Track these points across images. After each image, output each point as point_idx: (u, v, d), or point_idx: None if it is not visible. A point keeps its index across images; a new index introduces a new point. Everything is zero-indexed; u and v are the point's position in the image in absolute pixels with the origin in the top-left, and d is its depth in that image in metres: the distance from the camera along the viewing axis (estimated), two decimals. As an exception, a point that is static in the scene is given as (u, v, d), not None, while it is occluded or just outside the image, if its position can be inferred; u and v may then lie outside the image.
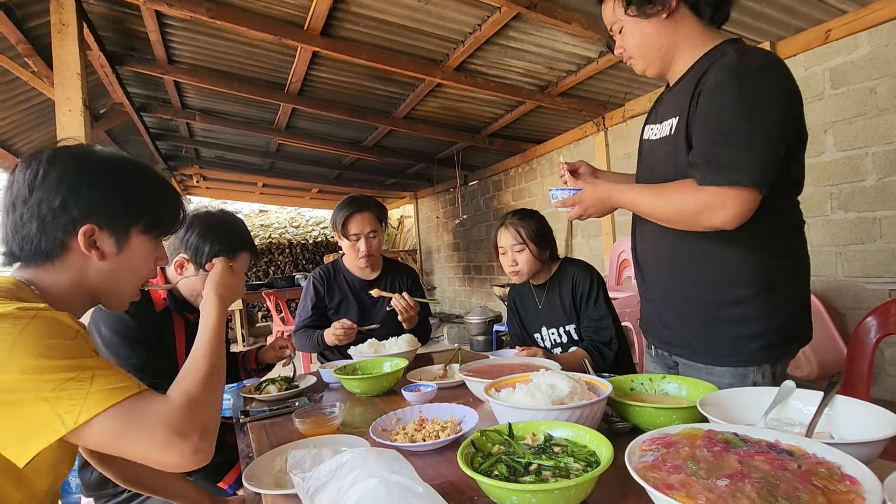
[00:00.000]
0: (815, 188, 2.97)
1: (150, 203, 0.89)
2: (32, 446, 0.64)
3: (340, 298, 2.13)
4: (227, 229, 1.42)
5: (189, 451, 0.70)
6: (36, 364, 0.64)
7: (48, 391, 0.64)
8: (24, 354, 0.64)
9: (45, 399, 0.64)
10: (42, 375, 0.64)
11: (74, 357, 0.67)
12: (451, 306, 7.97)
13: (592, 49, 3.26)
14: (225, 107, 4.62)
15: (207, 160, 6.67)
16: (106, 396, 0.66)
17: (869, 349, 1.82)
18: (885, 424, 0.78)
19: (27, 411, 0.64)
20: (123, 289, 0.89)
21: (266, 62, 3.61)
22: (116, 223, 0.83)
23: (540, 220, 1.84)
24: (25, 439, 0.64)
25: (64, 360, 0.66)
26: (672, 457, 0.69)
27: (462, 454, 0.76)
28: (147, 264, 0.91)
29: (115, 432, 0.67)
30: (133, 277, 0.89)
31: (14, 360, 0.63)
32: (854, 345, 1.87)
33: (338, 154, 5.97)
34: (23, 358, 0.64)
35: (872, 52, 2.67)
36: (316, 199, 9.18)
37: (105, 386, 0.67)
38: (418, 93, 3.99)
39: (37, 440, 0.64)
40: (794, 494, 0.58)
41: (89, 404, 0.65)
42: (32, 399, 0.64)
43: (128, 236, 0.85)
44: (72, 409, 0.64)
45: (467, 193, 7.09)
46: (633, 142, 4.70)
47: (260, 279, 9.12)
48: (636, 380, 1.17)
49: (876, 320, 1.80)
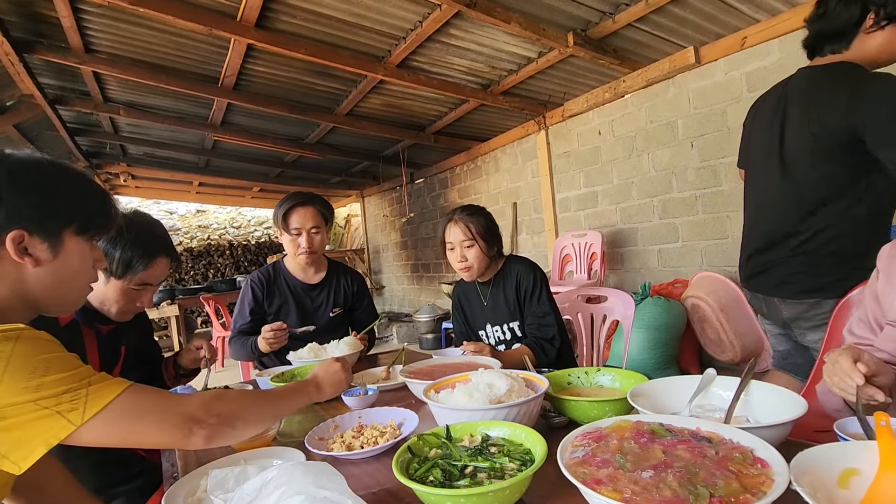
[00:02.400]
0: (736, 184, 3.18)
1: (80, 204, 0.86)
2: (37, 449, 0.66)
3: (281, 302, 2.04)
4: (140, 233, 1.31)
5: (201, 440, 0.74)
6: (32, 384, 0.66)
7: (49, 404, 0.66)
8: (19, 377, 0.65)
9: (46, 408, 0.66)
10: (40, 393, 0.66)
11: (70, 369, 0.70)
12: (400, 305, 7.92)
13: (532, 49, 3.32)
14: (153, 100, 4.33)
15: (135, 157, 6.23)
16: (106, 392, 0.70)
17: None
18: (793, 406, 0.84)
19: (29, 425, 0.65)
20: (67, 295, 0.86)
21: (197, 54, 3.41)
22: (47, 227, 0.79)
23: (488, 217, 1.85)
24: (28, 443, 0.65)
25: (60, 374, 0.68)
26: (602, 451, 0.71)
27: (397, 461, 0.74)
28: (86, 267, 0.87)
29: (127, 421, 0.70)
30: (75, 281, 0.86)
31: (6, 384, 0.64)
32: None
33: (278, 151, 5.76)
34: (18, 381, 0.65)
35: (782, 59, 2.90)
36: (257, 199, 8.82)
37: (103, 383, 0.71)
38: (361, 89, 3.92)
39: (41, 443, 0.66)
40: (711, 481, 0.61)
41: (93, 401, 0.68)
42: (34, 416, 0.65)
43: (61, 240, 0.81)
44: (75, 408, 0.67)
45: (414, 191, 7.06)
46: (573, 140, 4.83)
47: (198, 283, 8.66)
48: (573, 374, 1.20)
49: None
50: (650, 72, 3.48)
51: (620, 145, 3.92)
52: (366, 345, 1.98)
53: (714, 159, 3.30)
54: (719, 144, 3.26)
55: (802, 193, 1.38)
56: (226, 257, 9.28)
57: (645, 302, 3.16)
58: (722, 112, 3.22)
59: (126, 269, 1.28)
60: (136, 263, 1.28)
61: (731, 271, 3.25)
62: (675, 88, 3.48)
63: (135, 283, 1.31)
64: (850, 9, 1.32)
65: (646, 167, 3.75)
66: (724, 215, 3.28)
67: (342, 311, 2.13)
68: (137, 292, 1.34)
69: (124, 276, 1.28)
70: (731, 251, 3.23)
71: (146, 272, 1.31)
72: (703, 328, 3.16)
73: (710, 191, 3.35)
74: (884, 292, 0.97)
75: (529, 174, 4.92)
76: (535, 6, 2.80)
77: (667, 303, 3.15)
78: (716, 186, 3.31)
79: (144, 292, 1.35)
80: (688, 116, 3.43)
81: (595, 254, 3.91)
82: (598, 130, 4.09)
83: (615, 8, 2.85)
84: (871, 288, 1.01)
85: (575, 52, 3.11)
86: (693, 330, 3.24)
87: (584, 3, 2.80)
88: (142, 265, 1.29)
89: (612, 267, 4.12)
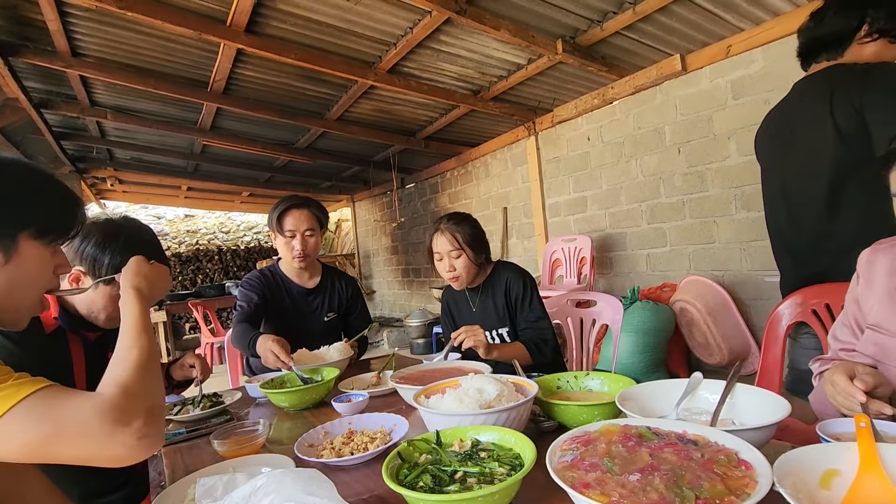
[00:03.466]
0: (722, 190, 3.24)
1: (39, 205, 0.81)
2: None
3: (278, 304, 2.03)
4: (130, 238, 1.30)
5: (134, 439, 0.66)
6: None
7: None
8: None
9: None
10: None
11: None
12: (391, 310, 7.90)
13: (521, 56, 3.35)
14: (141, 105, 4.29)
15: (123, 162, 6.17)
16: (14, 392, 0.62)
17: (781, 337, 1.99)
18: (777, 409, 0.85)
19: None
20: (20, 302, 0.81)
21: (186, 58, 3.40)
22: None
23: (474, 225, 1.85)
24: None
25: None
26: (590, 454, 0.72)
27: (387, 467, 0.74)
28: (44, 273, 0.83)
29: (40, 431, 0.62)
30: (30, 289, 0.81)
31: None
32: (768, 334, 2.04)
33: (268, 156, 5.73)
34: None
35: (766, 67, 2.95)
36: (247, 203, 8.77)
37: (11, 383, 0.64)
38: (351, 94, 3.92)
39: None
40: (697, 483, 0.62)
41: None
42: None
43: (15, 243, 0.77)
44: None
45: (404, 196, 7.06)
46: (563, 146, 4.87)
47: (187, 288, 8.57)
48: (562, 378, 1.21)
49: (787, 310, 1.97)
50: (638, 79, 3.53)
51: (609, 151, 3.97)
52: (356, 351, 1.97)
53: (700, 165, 3.35)
54: (705, 150, 3.31)
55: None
56: (214, 262, 9.19)
57: (634, 306, 3.19)
58: (708, 119, 3.28)
59: (115, 275, 1.26)
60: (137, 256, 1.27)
61: (717, 275, 3.29)
62: (662, 95, 3.53)
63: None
64: (848, 17, 1.36)
65: (634, 172, 3.79)
66: (711, 220, 3.32)
67: (337, 315, 2.13)
68: None
69: (113, 282, 1.27)
70: (718, 255, 3.28)
71: None
72: (691, 331, 3.19)
73: (696, 196, 3.39)
74: (864, 297, 1.00)
75: (520, 179, 4.95)
76: (524, 13, 2.83)
77: (655, 307, 3.18)
78: (702, 192, 3.35)
79: None
80: (675, 123, 3.48)
81: (585, 258, 3.94)
82: (588, 136, 4.13)
83: (603, 16, 2.89)
84: (853, 293, 1.04)
85: (564, 58, 3.15)
86: (681, 333, 3.27)
87: (573, 11, 2.83)
88: None
89: (602, 271, 4.15)
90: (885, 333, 0.94)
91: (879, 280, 0.97)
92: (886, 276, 0.95)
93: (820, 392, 1.06)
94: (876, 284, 0.98)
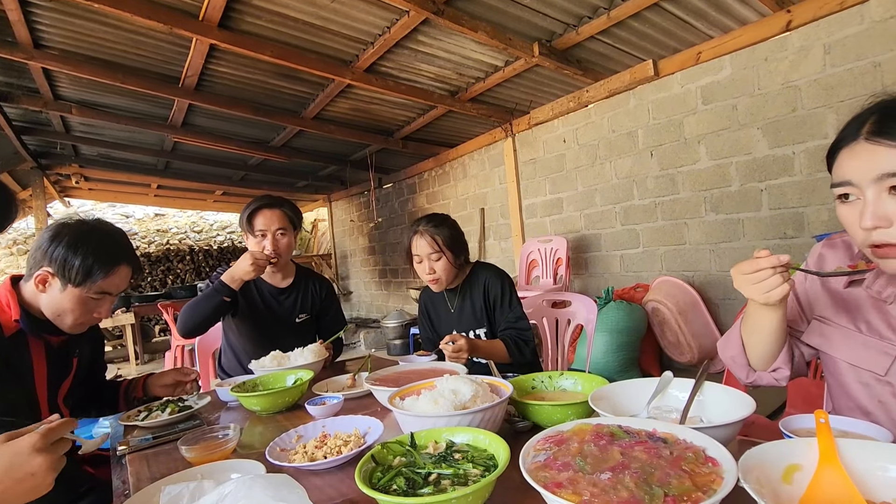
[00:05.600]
0: (692, 193, 3.32)
1: None
2: None
3: (249, 303, 1.99)
4: (101, 240, 1.26)
5: None
6: None
7: None
8: None
9: None
10: None
11: None
12: (368, 311, 7.84)
13: (499, 58, 3.37)
14: (108, 99, 4.15)
15: (89, 158, 5.95)
16: None
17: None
18: (743, 406, 0.88)
19: None
20: None
21: (156, 53, 3.30)
22: None
23: (453, 226, 1.84)
24: None
25: None
26: (563, 454, 0.72)
27: (360, 471, 0.73)
28: None
29: None
30: None
31: None
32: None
33: (242, 154, 5.63)
34: None
35: (734, 74, 3.05)
36: (220, 202, 8.58)
37: None
38: (328, 93, 3.88)
39: None
40: (665, 480, 0.63)
41: None
42: None
43: None
44: None
45: (382, 196, 7.02)
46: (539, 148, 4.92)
47: (156, 289, 8.33)
48: (537, 378, 1.22)
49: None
50: (612, 83, 3.59)
51: (584, 153, 4.03)
52: (331, 353, 1.95)
53: (672, 168, 3.43)
54: (676, 154, 3.39)
55: None
56: (186, 263, 8.96)
57: (608, 306, 3.25)
58: (679, 123, 3.36)
59: (86, 277, 1.22)
60: (97, 271, 1.23)
61: (688, 276, 3.37)
62: (636, 99, 3.60)
63: (94, 291, 1.25)
64: None
65: (608, 175, 3.86)
66: (682, 222, 3.41)
67: (309, 317, 2.10)
68: (96, 301, 1.28)
69: (83, 284, 1.23)
70: (689, 256, 3.36)
71: (106, 280, 1.26)
72: (663, 331, 3.26)
73: (668, 198, 3.48)
74: (812, 289, 1.04)
75: (497, 180, 4.98)
76: (501, 16, 2.84)
77: (629, 307, 3.25)
78: (674, 194, 3.44)
79: (103, 302, 1.30)
80: (647, 127, 3.55)
81: (560, 259, 3.99)
82: (563, 138, 4.19)
83: (579, 20, 2.94)
84: (802, 284, 1.07)
85: (540, 61, 3.18)
86: (654, 332, 3.35)
87: (549, 15, 2.87)
88: (102, 273, 1.24)
89: (577, 272, 4.21)
90: (830, 324, 0.98)
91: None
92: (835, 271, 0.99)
93: (726, 336, 1.10)
94: (823, 279, 1.02)
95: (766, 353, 0.99)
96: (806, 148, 2.78)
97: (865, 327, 0.93)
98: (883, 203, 0.77)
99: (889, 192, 0.77)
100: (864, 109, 0.83)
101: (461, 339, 1.55)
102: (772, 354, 0.99)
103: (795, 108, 2.80)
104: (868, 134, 0.79)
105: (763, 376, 1.02)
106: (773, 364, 1.00)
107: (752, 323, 0.99)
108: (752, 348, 1.02)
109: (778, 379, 1.01)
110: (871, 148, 0.78)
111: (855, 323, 0.95)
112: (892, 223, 0.77)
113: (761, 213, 3.00)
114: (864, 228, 0.79)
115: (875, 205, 0.78)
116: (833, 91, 2.65)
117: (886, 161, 0.76)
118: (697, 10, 2.80)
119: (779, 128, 2.88)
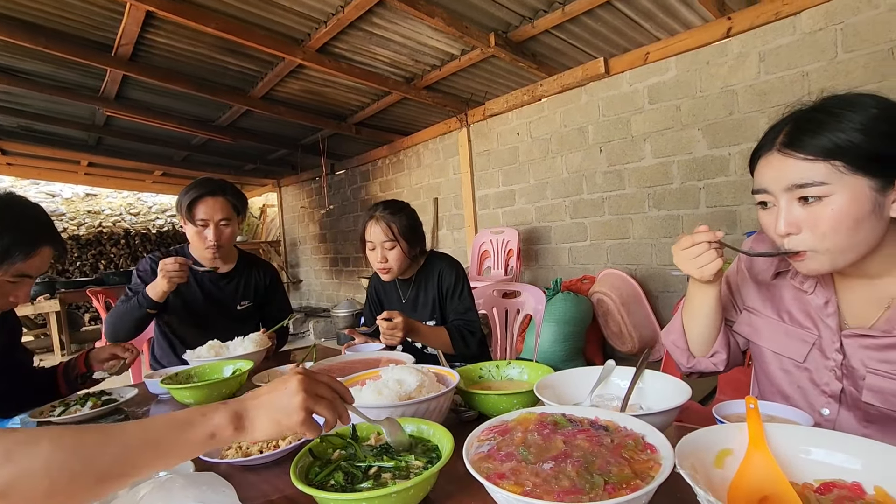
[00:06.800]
0: (637, 189, 3.44)
1: None
2: None
3: (185, 290, 1.87)
4: (18, 217, 1.14)
5: None
6: None
7: None
8: None
9: None
10: None
11: None
12: (318, 300, 7.66)
13: (455, 46, 3.34)
14: (30, 65, 3.76)
15: (8, 130, 5.41)
16: None
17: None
18: (679, 393, 0.91)
19: None
20: None
21: (85, 16, 3.02)
22: None
23: (411, 215, 1.79)
24: None
25: None
26: (506, 444, 0.72)
27: (296, 466, 0.70)
28: None
29: None
30: None
31: None
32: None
33: (185, 133, 5.29)
34: None
35: (678, 76, 3.17)
36: (160, 183, 8.08)
37: None
38: (278, 72, 3.71)
39: None
40: (606, 469, 0.63)
41: None
42: None
43: None
44: None
45: (334, 183, 6.84)
46: (494, 139, 4.93)
47: (87, 274, 7.76)
48: (484, 367, 1.22)
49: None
50: (565, 78, 3.65)
51: (537, 147, 4.08)
52: (274, 342, 1.87)
53: (619, 164, 3.53)
54: (624, 151, 3.50)
55: None
56: (120, 247, 8.40)
57: (556, 297, 3.32)
58: (627, 121, 3.46)
59: (3, 259, 1.10)
60: (15, 252, 1.11)
61: (631, 269, 3.51)
62: (587, 96, 3.68)
63: (11, 274, 1.13)
64: None
65: (559, 169, 3.93)
66: (627, 217, 3.53)
67: (251, 304, 2.01)
68: (13, 285, 1.15)
69: (1, 267, 1.10)
70: (633, 250, 3.49)
71: (25, 262, 1.14)
72: (607, 321, 3.38)
73: (615, 194, 3.59)
74: (742, 281, 1.09)
75: (451, 170, 4.97)
76: (458, 3, 2.81)
77: (575, 298, 3.34)
78: (620, 190, 3.55)
79: (21, 285, 1.17)
80: (597, 123, 3.64)
81: (512, 250, 4.04)
82: (517, 131, 4.22)
83: (534, 13, 2.95)
84: (733, 273, 1.13)
85: (496, 52, 3.17)
86: (598, 323, 3.46)
87: (505, 6, 2.86)
88: (21, 254, 1.12)
89: (528, 263, 4.28)
90: (758, 315, 1.04)
91: (756, 268, 1.06)
92: (763, 263, 1.05)
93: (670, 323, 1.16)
94: (752, 272, 1.07)
95: (704, 336, 1.05)
96: (741, 150, 2.94)
97: (787, 317, 0.99)
98: (793, 211, 0.82)
99: (799, 202, 0.82)
100: (780, 119, 0.88)
101: (399, 317, 1.51)
102: (710, 339, 1.05)
103: (732, 111, 2.95)
104: (780, 145, 0.83)
105: (702, 361, 1.07)
106: (711, 349, 1.05)
107: (691, 306, 1.04)
108: (691, 332, 1.07)
109: (716, 363, 1.06)
110: (782, 159, 0.82)
111: (779, 313, 1.01)
112: (801, 230, 0.82)
113: (699, 210, 3.16)
114: (779, 234, 0.85)
115: (787, 212, 0.83)
116: (766, 97, 2.81)
117: (795, 173, 0.80)
118: (647, 10, 2.88)
119: (717, 129, 3.03)
